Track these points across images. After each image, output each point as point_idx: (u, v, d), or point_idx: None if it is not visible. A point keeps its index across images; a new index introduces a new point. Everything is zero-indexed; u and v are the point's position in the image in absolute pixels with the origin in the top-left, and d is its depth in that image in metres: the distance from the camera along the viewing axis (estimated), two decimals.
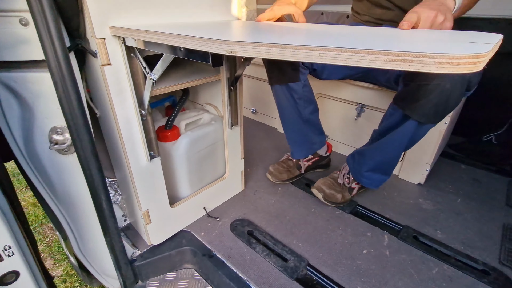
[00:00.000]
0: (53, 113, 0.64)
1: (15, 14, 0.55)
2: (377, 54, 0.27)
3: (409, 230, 1.02)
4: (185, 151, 0.93)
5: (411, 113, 0.81)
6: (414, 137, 0.88)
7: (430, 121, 0.81)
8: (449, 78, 0.72)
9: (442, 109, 0.77)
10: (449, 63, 0.25)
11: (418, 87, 0.77)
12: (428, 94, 0.75)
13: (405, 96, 0.82)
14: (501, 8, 1.43)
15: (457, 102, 0.77)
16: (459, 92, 0.74)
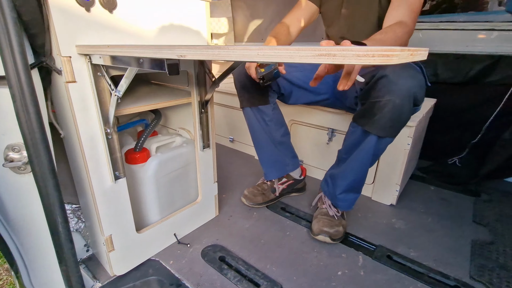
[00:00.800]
0: (10, 130, 0.63)
1: None
2: (306, 50, 0.30)
3: (383, 250, 1.02)
4: (154, 173, 0.91)
5: (370, 128, 0.86)
6: (376, 151, 0.92)
7: (387, 134, 0.86)
8: (397, 94, 0.78)
9: (396, 122, 0.83)
10: (366, 55, 0.28)
11: (373, 104, 0.83)
12: (382, 109, 0.81)
13: (363, 113, 0.88)
14: (449, 45, 1.61)
15: (408, 115, 0.83)
16: (408, 107, 0.80)
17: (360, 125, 0.90)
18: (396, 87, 0.78)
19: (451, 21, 1.60)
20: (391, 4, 0.94)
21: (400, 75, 0.79)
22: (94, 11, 0.64)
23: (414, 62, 0.98)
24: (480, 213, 1.26)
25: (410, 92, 0.78)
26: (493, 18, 1.49)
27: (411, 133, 1.17)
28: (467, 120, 1.64)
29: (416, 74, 0.80)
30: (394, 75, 0.79)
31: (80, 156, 0.72)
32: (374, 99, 0.83)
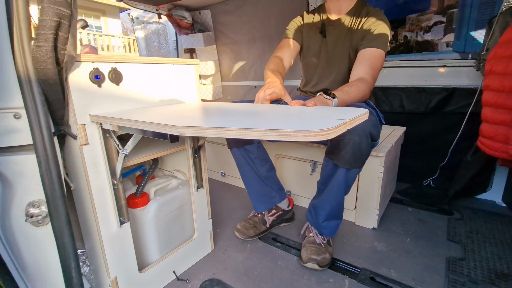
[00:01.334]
0: (31, 189, 0.73)
1: (11, 111, 0.68)
2: (270, 132, 0.44)
3: (366, 272, 1.11)
4: (154, 215, 1.01)
5: (338, 162, 1.00)
6: (347, 182, 1.05)
7: (353, 166, 1.00)
8: (356, 133, 0.93)
9: (358, 156, 0.97)
10: (311, 135, 0.42)
11: (338, 142, 0.98)
12: (345, 146, 0.96)
13: (332, 150, 1.02)
14: (410, 80, 1.83)
15: (367, 149, 0.98)
16: (366, 143, 0.95)
17: (331, 159, 1.04)
18: (354, 127, 0.94)
19: (409, 59, 1.84)
20: (356, 61, 1.14)
21: None
22: (104, 86, 0.78)
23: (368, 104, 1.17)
24: (453, 231, 1.38)
25: (366, 131, 0.94)
26: (444, 57, 1.74)
27: (382, 162, 1.32)
28: (435, 145, 1.82)
29: (369, 116, 0.96)
30: None
31: (90, 206, 0.82)
32: (339, 137, 0.97)
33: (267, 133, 0.44)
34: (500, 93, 1.25)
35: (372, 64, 1.08)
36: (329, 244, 1.20)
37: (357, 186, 1.43)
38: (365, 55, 1.11)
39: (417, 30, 1.79)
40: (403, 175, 1.92)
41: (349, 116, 0.54)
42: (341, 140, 0.97)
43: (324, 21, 1.29)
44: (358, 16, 1.21)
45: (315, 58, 1.34)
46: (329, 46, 1.28)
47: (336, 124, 0.45)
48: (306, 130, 0.43)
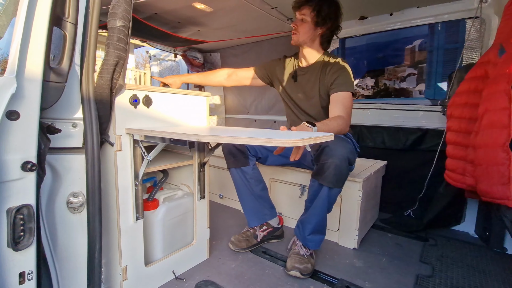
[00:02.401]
0: (75, 182, 0.93)
1: (70, 121, 0.91)
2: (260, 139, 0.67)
3: (343, 282, 1.25)
4: (163, 217, 1.19)
5: (323, 182, 1.21)
6: (329, 199, 1.25)
7: (335, 185, 1.20)
8: (337, 158, 1.15)
9: (339, 177, 1.18)
10: (285, 142, 0.65)
11: (322, 165, 1.20)
12: (328, 168, 1.17)
13: (317, 171, 1.24)
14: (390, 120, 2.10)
15: (346, 172, 1.20)
16: (345, 166, 1.17)
17: (316, 179, 1.25)
18: (335, 153, 1.17)
19: (389, 103, 2.13)
20: (330, 104, 1.38)
21: (336, 145, 1.18)
22: (139, 108, 1.03)
23: (346, 135, 1.40)
24: (426, 254, 1.53)
25: (345, 156, 1.16)
26: (418, 102, 2.03)
27: (360, 187, 1.52)
28: (414, 178, 2.03)
29: (347, 144, 1.20)
30: (333, 145, 1.18)
31: (114, 202, 1.01)
32: (323, 161, 1.20)
33: (258, 140, 0.67)
34: (458, 133, 1.49)
35: (345, 104, 1.34)
36: (312, 257, 1.35)
37: (340, 209, 1.61)
38: (338, 98, 1.36)
39: (394, 79, 2.10)
40: (386, 205, 2.10)
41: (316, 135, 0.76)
42: (325, 163, 1.19)
43: (296, 69, 1.56)
44: (324, 65, 1.44)
45: (290, 98, 1.60)
46: (299, 88, 1.54)
47: (304, 137, 0.68)
48: (283, 139, 0.65)
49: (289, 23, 2.20)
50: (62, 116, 0.90)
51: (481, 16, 1.67)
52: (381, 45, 2.10)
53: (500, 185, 1.13)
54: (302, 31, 1.41)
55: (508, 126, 1.12)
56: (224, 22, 2.21)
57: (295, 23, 1.43)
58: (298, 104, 1.57)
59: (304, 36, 1.42)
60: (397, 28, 2.01)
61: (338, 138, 1.21)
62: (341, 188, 1.25)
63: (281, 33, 2.41)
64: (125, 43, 0.90)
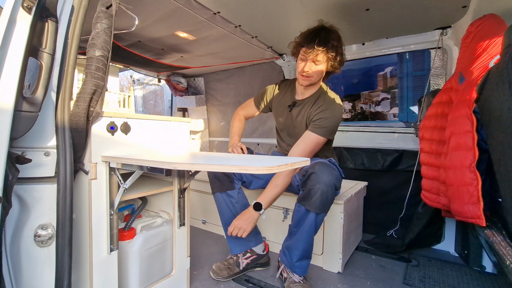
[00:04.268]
0: (44, 213, 0.89)
1: (43, 150, 0.89)
2: (235, 167, 0.67)
3: None
4: (139, 248, 1.14)
5: (309, 207, 1.22)
6: (316, 224, 1.25)
7: (321, 211, 1.21)
8: (323, 184, 1.17)
9: (326, 203, 1.20)
10: (259, 170, 0.66)
11: (309, 190, 1.21)
12: (315, 193, 1.19)
13: (303, 197, 1.25)
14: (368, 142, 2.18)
15: (332, 197, 1.22)
16: (331, 191, 1.19)
17: (303, 205, 1.26)
18: (322, 179, 1.19)
19: (366, 125, 2.22)
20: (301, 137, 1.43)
21: (323, 171, 1.20)
22: (116, 135, 1.02)
23: (330, 161, 1.42)
24: (409, 276, 1.53)
25: (331, 182, 1.19)
26: (393, 125, 2.13)
27: (342, 209, 1.54)
28: (394, 199, 2.08)
29: (333, 170, 1.23)
30: (320, 171, 1.21)
31: (87, 233, 0.97)
32: (310, 187, 1.22)
33: (233, 168, 0.68)
34: (430, 155, 1.57)
35: (307, 148, 1.38)
36: (306, 280, 1.33)
37: (323, 232, 1.60)
38: (307, 136, 1.40)
39: (370, 103, 2.21)
40: (369, 226, 2.12)
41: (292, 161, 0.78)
42: (312, 188, 1.20)
43: (294, 100, 1.58)
44: (318, 98, 1.47)
45: (283, 126, 1.64)
46: (293, 118, 1.56)
47: (279, 164, 0.70)
48: (258, 166, 0.66)
49: (269, 51, 2.31)
50: (35, 145, 0.88)
51: (442, 46, 1.82)
52: (356, 71, 2.23)
53: (470, 205, 1.18)
54: (316, 75, 1.38)
55: (472, 148, 1.19)
56: (207, 49, 2.28)
57: (309, 67, 1.35)
58: (289, 132, 1.61)
59: (317, 79, 1.42)
60: (369, 56, 2.15)
61: (324, 164, 1.24)
62: (327, 213, 1.27)
63: (262, 60, 2.51)
64: (103, 72, 0.91)
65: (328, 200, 1.22)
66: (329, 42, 1.31)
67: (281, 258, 1.40)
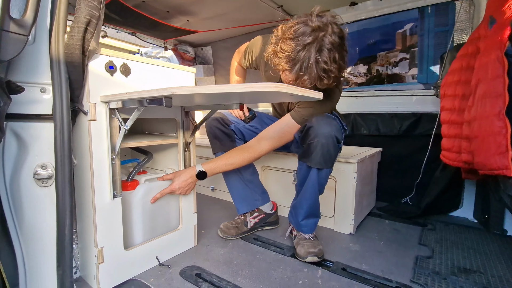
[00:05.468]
0: (43, 152, 0.86)
1: (38, 85, 0.85)
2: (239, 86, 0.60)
3: (338, 265, 1.18)
4: (141, 198, 1.11)
5: (310, 163, 1.14)
6: (320, 180, 1.18)
7: (323, 166, 1.13)
8: (323, 137, 1.09)
9: (327, 157, 1.12)
10: (267, 86, 0.59)
11: (309, 145, 1.13)
12: (314, 148, 1.11)
13: (304, 153, 1.17)
14: (384, 107, 2.06)
15: (335, 151, 1.13)
16: (333, 144, 1.11)
17: (303, 162, 1.19)
18: (320, 131, 1.10)
19: (382, 89, 2.10)
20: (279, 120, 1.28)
21: (320, 124, 1.12)
22: (115, 76, 0.96)
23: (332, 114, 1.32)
24: (424, 238, 1.47)
25: (331, 134, 1.10)
26: (411, 87, 1.99)
27: (355, 168, 1.46)
28: (410, 165, 1.98)
29: (332, 121, 1.14)
30: (317, 124, 1.12)
31: (89, 178, 0.94)
32: (309, 141, 1.14)
33: (236, 87, 0.61)
34: (452, 112, 1.45)
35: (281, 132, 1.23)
36: (316, 238, 1.28)
37: (335, 194, 1.54)
38: (284, 120, 1.23)
39: (387, 64, 2.07)
40: (383, 194, 2.04)
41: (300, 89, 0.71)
42: (311, 143, 1.12)
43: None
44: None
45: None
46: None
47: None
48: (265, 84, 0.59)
49: (279, 11, 2.18)
50: (30, 80, 0.83)
51: None
52: (372, 31, 2.08)
53: (497, 155, 1.08)
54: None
55: (503, 94, 1.07)
56: (213, 11, 2.17)
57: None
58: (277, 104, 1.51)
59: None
60: (387, 13, 1.99)
61: (322, 116, 1.15)
62: (331, 168, 1.19)
63: (272, 22, 2.38)
64: (98, 2, 0.85)
65: (329, 154, 1.12)
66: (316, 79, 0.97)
67: (289, 218, 1.36)
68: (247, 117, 1.46)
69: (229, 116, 1.46)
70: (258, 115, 1.52)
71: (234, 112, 1.48)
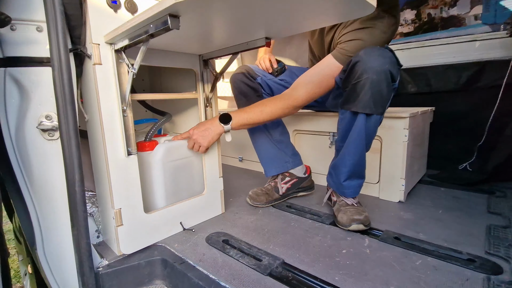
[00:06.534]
0: (47, 101, 0.76)
1: (34, 23, 0.74)
2: None
3: (389, 233, 0.99)
4: (161, 158, 1.00)
5: (356, 107, 0.93)
6: (368, 130, 0.97)
7: (373, 111, 0.92)
8: (373, 72, 0.87)
9: (378, 98, 0.90)
10: None
11: (354, 86, 0.92)
12: (363, 87, 0.90)
13: (347, 98, 0.96)
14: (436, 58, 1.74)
15: (388, 91, 0.91)
16: (386, 82, 0.88)
17: (347, 108, 0.98)
18: (370, 65, 0.88)
19: (434, 38, 1.76)
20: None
21: (371, 56, 0.89)
22: (120, 13, 0.82)
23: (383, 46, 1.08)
24: (494, 205, 1.21)
25: (384, 68, 0.88)
26: (473, 31, 1.64)
27: (406, 124, 1.22)
28: (469, 125, 1.67)
29: (385, 52, 0.91)
30: (366, 57, 0.90)
31: (100, 131, 0.84)
32: (354, 81, 0.92)
33: None
34: None
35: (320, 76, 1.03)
36: (360, 204, 1.10)
37: (380, 156, 1.32)
38: (323, 62, 1.05)
39: (441, 5, 1.72)
40: (435, 161, 1.76)
41: None
42: (358, 82, 0.91)
43: None
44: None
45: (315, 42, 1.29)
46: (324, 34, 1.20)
47: None
48: None
49: None
50: (23, 17, 0.73)
51: None
52: None
53: None
54: None
55: None
56: None
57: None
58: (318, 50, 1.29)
59: None
60: None
61: (372, 48, 0.92)
62: (382, 115, 0.97)
63: None
64: None
65: (381, 94, 0.90)
66: None
67: (328, 181, 1.17)
68: (276, 69, 1.28)
69: (256, 70, 1.28)
70: (288, 68, 1.33)
71: (261, 64, 1.30)
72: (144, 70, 1.42)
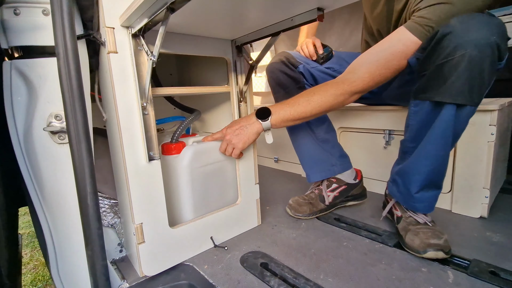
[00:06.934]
0: (55, 98, 0.65)
1: (39, 6, 0.62)
2: None
3: (481, 265, 0.75)
4: (189, 163, 0.85)
5: (443, 96, 0.70)
6: (456, 126, 0.73)
7: (468, 100, 0.68)
8: (473, 45, 0.63)
9: (477, 83, 0.66)
10: None
11: (441, 67, 0.69)
12: (455, 68, 0.66)
13: (428, 84, 0.73)
14: None
15: (492, 73, 0.66)
16: (491, 59, 0.64)
17: (426, 98, 0.74)
18: (469, 37, 0.64)
19: None
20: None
21: (469, 25, 0.65)
22: None
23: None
24: None
25: (490, 40, 0.63)
26: None
27: (493, 119, 0.95)
28: None
29: (491, 19, 0.66)
30: (462, 27, 0.66)
31: (117, 133, 0.71)
32: (442, 60, 0.68)
33: None
34: None
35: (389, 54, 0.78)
36: (434, 223, 0.86)
37: (454, 157, 1.06)
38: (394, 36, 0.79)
39: None
40: None
41: None
42: (447, 61, 0.67)
43: None
44: None
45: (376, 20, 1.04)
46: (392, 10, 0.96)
47: None
48: None
49: None
50: None
51: None
52: None
53: None
54: None
55: None
56: None
57: None
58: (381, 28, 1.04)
59: None
60: None
61: (470, 14, 0.68)
62: (476, 106, 0.72)
63: None
64: None
65: (482, 77, 0.65)
66: None
67: (390, 190, 0.94)
68: (321, 55, 1.07)
69: (297, 57, 1.09)
70: (336, 54, 1.11)
71: (304, 50, 1.10)
72: (171, 63, 1.29)
